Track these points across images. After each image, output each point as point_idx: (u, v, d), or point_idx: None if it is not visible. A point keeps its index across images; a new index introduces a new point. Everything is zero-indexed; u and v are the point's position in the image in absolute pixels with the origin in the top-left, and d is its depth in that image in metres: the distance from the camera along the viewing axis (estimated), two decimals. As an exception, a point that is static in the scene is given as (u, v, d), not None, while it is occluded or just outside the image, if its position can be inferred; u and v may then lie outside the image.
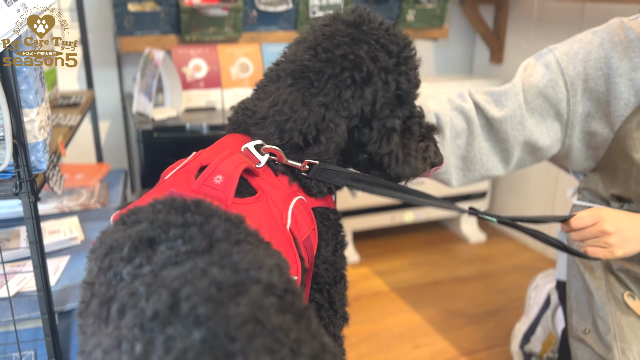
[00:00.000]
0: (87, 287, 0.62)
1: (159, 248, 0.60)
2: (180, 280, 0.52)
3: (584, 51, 1.21)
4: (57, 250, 1.40)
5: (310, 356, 0.48)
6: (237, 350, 0.45)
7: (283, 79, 0.90)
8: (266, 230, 0.78)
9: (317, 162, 0.89)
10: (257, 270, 0.54)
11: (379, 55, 0.87)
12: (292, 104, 0.86)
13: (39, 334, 1.16)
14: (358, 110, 0.88)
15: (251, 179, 0.85)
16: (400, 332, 2.05)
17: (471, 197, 2.78)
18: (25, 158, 0.97)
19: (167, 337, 0.46)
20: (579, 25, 2.31)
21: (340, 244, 0.97)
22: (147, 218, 0.65)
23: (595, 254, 1.10)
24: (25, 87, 0.95)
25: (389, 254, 2.66)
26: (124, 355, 0.47)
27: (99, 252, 0.64)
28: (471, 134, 1.26)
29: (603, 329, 1.23)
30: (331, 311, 0.93)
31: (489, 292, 2.36)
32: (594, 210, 1.09)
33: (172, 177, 0.84)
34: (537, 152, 1.28)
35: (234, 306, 0.48)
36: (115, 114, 2.40)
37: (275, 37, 2.27)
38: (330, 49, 0.87)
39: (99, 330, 0.54)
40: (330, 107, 0.86)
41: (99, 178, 1.91)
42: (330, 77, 0.87)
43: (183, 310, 0.48)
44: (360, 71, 0.87)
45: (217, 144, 0.93)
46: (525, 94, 1.24)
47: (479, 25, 2.74)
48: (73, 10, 2.06)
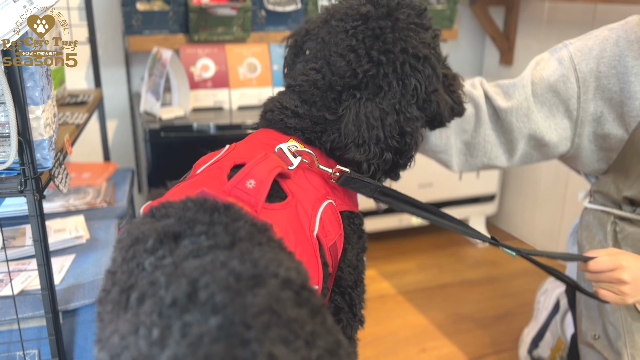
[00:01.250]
0: (110, 275, 0.63)
1: (182, 242, 0.61)
2: (199, 270, 0.52)
3: (598, 48, 1.18)
4: (63, 249, 1.39)
5: (325, 349, 0.48)
6: (252, 337, 0.45)
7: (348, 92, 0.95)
8: (292, 238, 0.78)
9: (348, 171, 0.89)
10: (276, 267, 0.54)
11: (425, 37, 0.96)
12: (371, 114, 0.91)
13: (43, 333, 1.15)
14: (421, 91, 0.95)
15: (282, 181, 0.84)
16: (407, 336, 2.03)
17: (480, 199, 2.76)
18: (31, 155, 0.97)
19: (184, 323, 0.47)
20: (591, 26, 2.28)
21: (362, 248, 0.97)
22: (175, 214, 0.66)
23: (607, 297, 1.08)
24: (32, 84, 0.95)
25: (396, 256, 2.64)
26: (141, 339, 0.47)
27: (125, 243, 0.65)
28: (478, 120, 1.24)
29: (613, 334, 1.21)
30: (350, 314, 0.93)
31: (497, 296, 2.33)
32: (614, 257, 1.06)
33: (205, 172, 0.84)
34: (543, 147, 1.25)
35: (251, 296, 0.49)
36: (122, 113, 2.40)
37: (284, 37, 2.25)
38: (381, 48, 0.92)
39: (117, 317, 0.55)
40: (401, 101, 0.93)
41: (106, 177, 1.90)
42: (388, 74, 0.92)
43: (201, 298, 0.49)
44: (417, 59, 0.93)
45: (250, 140, 0.93)
46: (534, 86, 1.22)
47: (488, 26, 2.72)
48: (82, 9, 2.06)
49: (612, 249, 1.10)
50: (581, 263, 1.10)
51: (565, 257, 1.12)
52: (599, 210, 1.30)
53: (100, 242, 1.44)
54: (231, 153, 0.88)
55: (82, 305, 1.20)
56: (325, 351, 0.48)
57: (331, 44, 0.94)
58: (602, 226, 1.28)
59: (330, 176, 0.89)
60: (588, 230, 1.31)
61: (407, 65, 0.90)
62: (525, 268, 2.57)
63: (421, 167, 2.61)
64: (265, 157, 0.82)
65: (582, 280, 1.28)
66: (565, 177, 2.52)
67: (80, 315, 1.21)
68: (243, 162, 0.83)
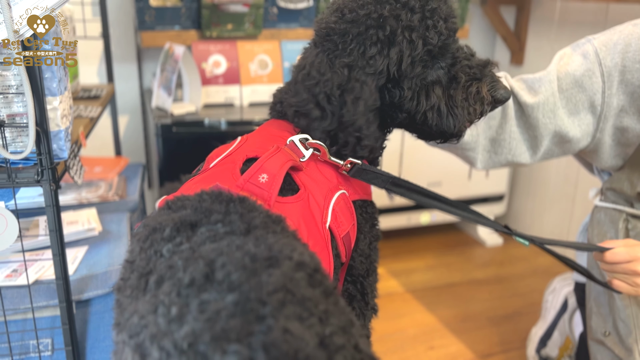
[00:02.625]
0: (128, 265, 0.65)
1: (199, 230, 0.62)
2: (216, 252, 0.54)
3: (623, 42, 1.17)
4: (75, 241, 1.41)
5: (339, 327, 0.49)
6: (267, 313, 0.47)
7: (311, 43, 0.90)
8: (304, 231, 0.78)
9: (359, 162, 0.89)
10: (290, 251, 0.55)
11: (401, 14, 0.85)
12: (319, 66, 0.85)
13: (57, 322, 1.16)
14: (384, 68, 0.85)
15: (295, 174, 0.85)
16: (415, 334, 2.03)
17: (489, 199, 2.76)
18: (48, 146, 0.98)
19: (201, 300, 0.48)
20: (603, 26, 2.28)
21: (375, 236, 0.97)
22: (191, 205, 0.68)
23: (621, 288, 1.09)
24: (49, 75, 0.96)
25: (404, 255, 2.65)
26: (160, 317, 0.48)
27: (142, 234, 0.66)
28: (504, 116, 1.23)
29: (624, 331, 1.21)
30: (363, 302, 0.94)
31: (505, 295, 2.33)
32: (632, 248, 1.06)
33: (218, 166, 0.84)
34: (565, 143, 1.25)
35: (267, 276, 0.50)
36: (134, 108, 2.42)
37: (295, 34, 2.27)
38: (355, 9, 0.86)
39: (136, 300, 0.56)
40: (355, 66, 0.85)
41: (118, 171, 1.92)
42: (355, 37, 0.85)
43: (218, 277, 0.50)
44: (384, 30, 0.84)
45: (262, 132, 0.93)
46: (560, 81, 1.21)
47: (500, 26, 2.72)
48: (95, 4, 2.08)
49: (630, 240, 1.09)
50: (597, 253, 1.10)
51: (580, 246, 1.12)
52: (610, 208, 1.29)
53: (112, 234, 1.45)
54: (243, 146, 0.88)
55: (94, 296, 1.22)
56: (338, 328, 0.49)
57: (330, 8, 0.93)
58: (614, 223, 1.28)
59: (342, 167, 0.89)
60: (599, 227, 1.31)
61: (370, 31, 0.85)
62: (534, 268, 2.56)
63: (430, 166, 2.63)
64: (277, 150, 0.82)
65: (594, 270, 1.28)
66: (574, 177, 2.52)
67: (92, 306, 1.23)
68: (255, 155, 0.84)
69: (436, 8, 0.86)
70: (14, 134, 0.97)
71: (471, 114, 0.90)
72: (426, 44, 0.85)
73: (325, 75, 0.85)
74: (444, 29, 0.86)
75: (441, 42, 0.86)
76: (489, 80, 0.92)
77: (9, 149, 0.97)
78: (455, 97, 0.89)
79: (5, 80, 0.93)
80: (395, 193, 0.93)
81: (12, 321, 1.15)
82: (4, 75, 0.93)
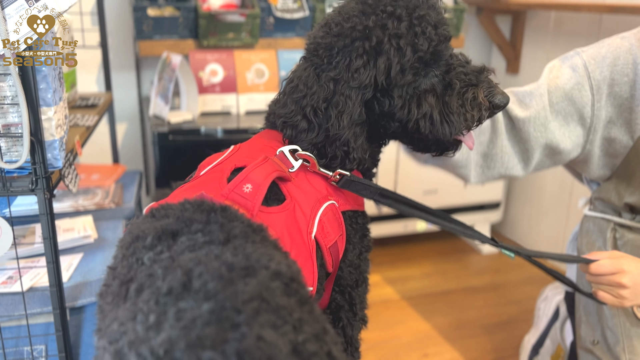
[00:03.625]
0: (111, 271, 0.67)
1: (180, 239, 0.64)
2: (194, 262, 0.56)
3: (612, 56, 1.19)
4: (71, 248, 1.42)
5: (312, 334, 0.51)
6: (242, 321, 0.48)
7: (302, 57, 0.92)
8: (287, 240, 0.79)
9: (348, 174, 0.89)
10: (267, 260, 0.57)
11: (387, 23, 0.84)
12: (306, 80, 0.87)
13: (50, 329, 1.18)
14: (370, 81, 0.85)
15: (282, 184, 0.85)
16: (409, 341, 2.04)
17: (485, 207, 2.77)
18: (42, 155, 1.00)
19: (178, 309, 0.50)
20: (596, 36, 2.30)
21: (365, 247, 0.97)
22: (174, 214, 0.69)
23: (605, 299, 1.10)
24: (44, 86, 0.98)
25: (400, 262, 2.66)
26: (138, 325, 0.50)
27: (125, 241, 0.68)
28: (495, 131, 1.24)
29: (612, 340, 1.22)
30: (350, 313, 0.94)
31: (500, 303, 2.34)
32: (616, 260, 1.07)
33: (206, 175, 0.86)
34: (556, 155, 1.26)
35: (243, 284, 0.52)
36: (132, 116, 2.44)
37: (292, 43, 2.29)
38: (340, 22, 0.87)
39: (117, 307, 0.58)
40: (340, 79, 0.85)
41: (114, 179, 1.94)
42: (341, 50, 0.86)
43: (195, 286, 0.52)
44: (370, 41, 0.84)
45: (254, 142, 0.95)
46: (550, 95, 1.22)
47: (495, 35, 2.74)
48: (94, 14, 2.10)
49: (615, 252, 1.11)
50: (583, 265, 1.11)
51: (566, 258, 1.13)
52: (599, 218, 1.31)
53: (107, 241, 1.47)
54: (234, 155, 0.90)
55: (88, 303, 1.23)
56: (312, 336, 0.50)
57: (319, 24, 0.95)
58: (602, 233, 1.29)
59: (331, 178, 0.90)
60: (588, 237, 1.32)
61: (356, 43, 0.85)
62: (529, 276, 2.57)
63: (426, 174, 2.64)
64: (264, 161, 0.83)
65: (584, 280, 1.29)
66: (570, 185, 2.53)
67: (86, 313, 1.24)
68: (244, 165, 0.85)
69: (424, 15, 0.85)
70: (9, 143, 0.99)
71: (468, 120, 0.89)
72: (416, 51, 0.85)
73: (312, 89, 0.86)
74: (434, 35, 0.86)
75: (432, 48, 0.86)
76: (485, 86, 0.91)
77: (4, 158, 0.98)
78: (450, 104, 0.88)
79: (0, 91, 0.95)
80: (383, 204, 0.94)
81: (7, 327, 1.17)
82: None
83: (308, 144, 0.88)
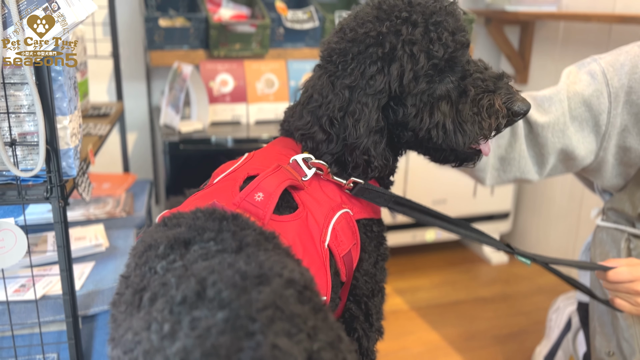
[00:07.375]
0: (124, 280, 0.66)
1: (192, 248, 0.64)
2: (208, 270, 0.56)
3: (630, 63, 1.18)
4: (83, 256, 1.43)
5: (327, 342, 0.50)
6: (257, 330, 0.48)
7: (317, 65, 0.91)
8: (299, 249, 0.78)
9: (362, 182, 0.88)
10: (280, 268, 0.57)
11: (401, 29, 0.82)
12: (321, 89, 0.86)
13: (63, 337, 1.18)
14: (385, 86, 0.83)
15: (295, 193, 0.85)
16: (420, 352, 2.03)
17: (494, 217, 2.76)
18: (57, 164, 1.00)
19: (193, 318, 0.50)
20: (606, 47, 2.30)
21: (381, 256, 0.96)
22: (186, 223, 0.69)
23: (623, 307, 1.09)
24: (60, 95, 0.99)
25: (409, 272, 2.65)
26: (153, 334, 0.50)
27: (138, 249, 0.68)
28: (514, 135, 1.23)
29: (628, 351, 1.21)
30: (367, 324, 0.91)
31: (510, 313, 2.32)
32: (634, 268, 1.06)
33: (219, 183, 0.86)
34: (570, 160, 1.26)
35: (256, 293, 0.52)
36: (142, 125, 2.45)
37: (301, 54, 2.30)
38: (354, 27, 0.86)
39: (131, 317, 0.58)
40: (356, 87, 0.84)
41: (125, 188, 1.95)
42: (355, 56, 0.85)
43: (209, 295, 0.52)
44: (383, 47, 0.83)
45: (268, 150, 0.94)
46: (569, 101, 1.21)
47: (504, 45, 2.75)
48: (106, 24, 2.12)
49: (632, 259, 1.10)
50: (600, 272, 1.10)
51: (583, 265, 1.12)
52: (612, 228, 1.30)
53: (119, 250, 1.47)
54: (247, 163, 0.89)
55: (100, 311, 1.23)
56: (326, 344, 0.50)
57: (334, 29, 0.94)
58: (616, 243, 1.28)
59: (344, 186, 0.90)
60: (601, 247, 1.31)
61: (370, 50, 0.84)
62: (539, 286, 2.55)
63: (435, 184, 2.64)
64: (276, 169, 0.83)
65: (596, 289, 1.28)
66: (579, 195, 2.52)
67: (98, 321, 1.24)
68: (256, 173, 0.84)
69: (441, 21, 0.83)
70: (24, 152, 0.99)
71: (484, 128, 0.85)
72: (431, 58, 0.82)
73: (327, 98, 0.85)
74: (451, 42, 0.83)
75: (448, 54, 0.83)
76: (504, 92, 0.86)
77: (20, 167, 0.99)
78: (462, 112, 0.85)
79: (17, 100, 0.96)
80: (398, 212, 0.93)
81: (19, 335, 1.17)
82: (16, 95, 0.96)
83: (329, 155, 0.88)
